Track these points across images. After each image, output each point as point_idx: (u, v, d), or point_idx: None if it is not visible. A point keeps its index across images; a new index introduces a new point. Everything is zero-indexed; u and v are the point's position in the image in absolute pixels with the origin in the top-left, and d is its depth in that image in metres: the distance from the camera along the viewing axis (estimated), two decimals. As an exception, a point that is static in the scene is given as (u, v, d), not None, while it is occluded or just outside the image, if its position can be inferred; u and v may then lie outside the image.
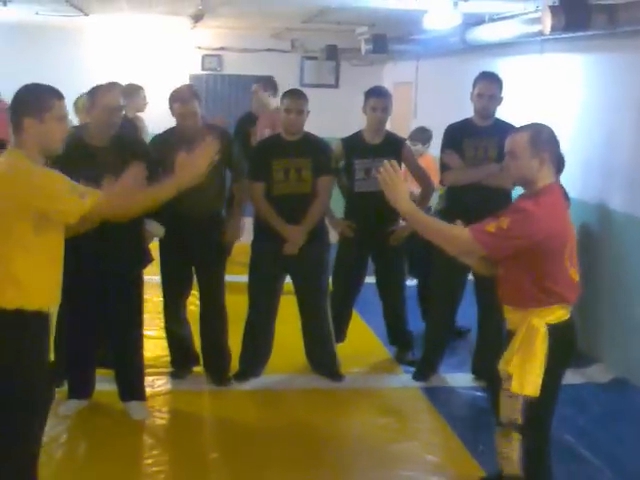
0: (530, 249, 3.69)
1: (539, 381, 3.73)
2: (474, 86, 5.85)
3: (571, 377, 6.24)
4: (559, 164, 3.97)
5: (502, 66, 8.29)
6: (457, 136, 6.01)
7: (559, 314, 3.83)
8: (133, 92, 8.02)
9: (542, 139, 3.81)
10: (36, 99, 3.65)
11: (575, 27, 6.08)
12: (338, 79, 13.21)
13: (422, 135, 8.21)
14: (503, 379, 3.82)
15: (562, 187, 4.13)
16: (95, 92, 5.11)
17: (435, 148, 6.81)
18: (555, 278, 3.80)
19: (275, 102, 8.56)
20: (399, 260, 6.46)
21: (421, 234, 3.89)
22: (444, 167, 6.01)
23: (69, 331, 5.39)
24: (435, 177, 6.55)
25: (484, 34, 8.11)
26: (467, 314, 6.45)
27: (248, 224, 6.56)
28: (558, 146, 3.90)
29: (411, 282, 7.15)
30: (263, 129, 8.29)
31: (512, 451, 3.84)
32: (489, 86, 5.81)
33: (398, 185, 3.75)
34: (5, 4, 8.74)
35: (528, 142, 3.77)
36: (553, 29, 6.11)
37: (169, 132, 5.84)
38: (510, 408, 3.80)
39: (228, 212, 6.03)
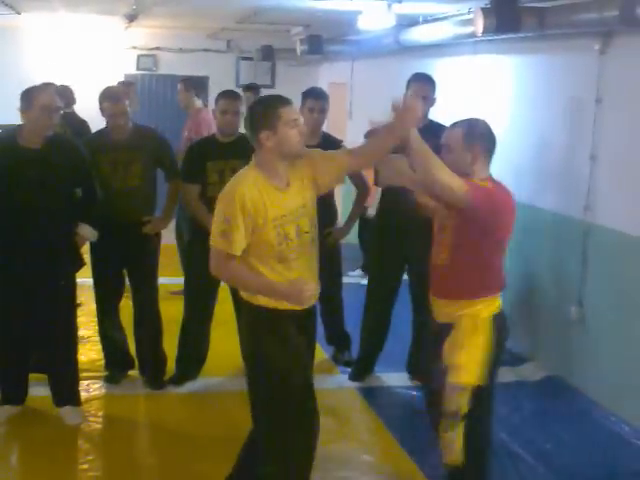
0: (485, 231, 3.83)
1: (484, 370, 3.85)
2: (407, 87, 5.88)
3: (504, 375, 6.33)
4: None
5: (436, 67, 8.37)
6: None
7: (498, 303, 3.98)
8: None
9: (476, 133, 3.93)
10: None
11: (506, 29, 6.16)
12: (274, 79, 13.23)
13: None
14: (447, 372, 3.88)
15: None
16: (31, 92, 5.03)
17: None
18: (497, 269, 3.97)
19: (197, 102, 8.55)
20: (336, 259, 6.47)
21: (417, 163, 3.85)
22: (377, 170, 6.03)
23: (1, 336, 5.33)
24: None
25: (418, 35, 8.17)
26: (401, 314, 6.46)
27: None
28: (493, 140, 3.99)
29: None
30: (184, 130, 8.27)
31: (456, 442, 3.91)
32: (422, 87, 5.84)
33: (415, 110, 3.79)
34: None
35: (462, 136, 3.90)
36: (485, 31, 6.18)
37: (101, 132, 5.80)
38: (455, 399, 3.87)
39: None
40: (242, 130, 5.79)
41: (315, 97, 6.26)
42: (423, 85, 5.86)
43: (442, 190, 3.81)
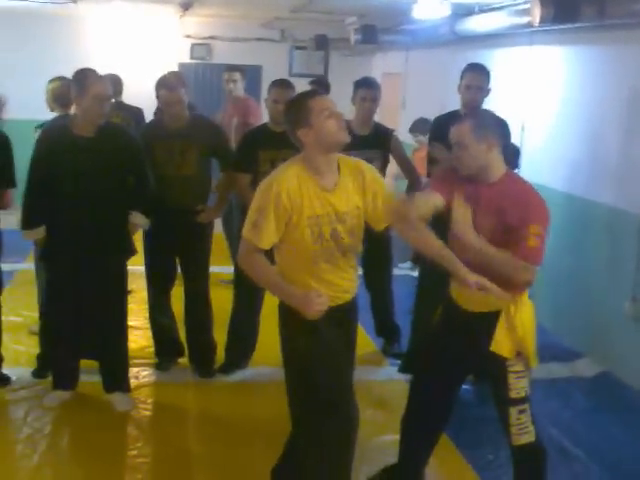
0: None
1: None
2: (462, 77, 5.81)
3: (558, 371, 6.28)
4: (514, 153, 4.00)
5: (491, 57, 8.27)
6: (444, 128, 5.96)
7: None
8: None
9: (485, 124, 3.87)
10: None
11: (564, 19, 6.06)
12: (327, 69, 13.17)
13: (423, 126, 8.18)
14: (508, 360, 3.87)
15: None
16: (84, 81, 5.03)
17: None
18: None
19: (242, 91, 8.54)
20: (387, 251, 6.43)
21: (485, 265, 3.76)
22: (431, 160, 5.98)
23: (53, 322, 5.38)
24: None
25: (473, 25, 8.09)
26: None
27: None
28: (503, 128, 4.02)
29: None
30: (230, 118, 8.25)
31: (530, 422, 3.92)
32: (477, 77, 5.76)
33: (467, 219, 3.78)
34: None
35: (472, 129, 3.81)
36: (542, 20, 6.09)
37: (157, 121, 5.81)
38: (521, 385, 3.89)
39: None
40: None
41: (367, 86, 6.23)
42: (478, 75, 5.79)
43: (520, 276, 3.75)
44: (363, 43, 10.38)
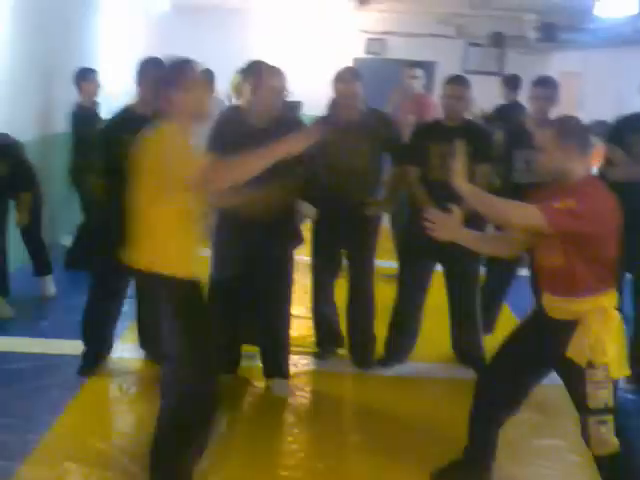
0: (589, 233, 3.73)
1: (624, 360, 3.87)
2: None
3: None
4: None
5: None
6: (624, 130, 5.76)
7: (615, 294, 3.96)
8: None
9: (568, 132, 3.86)
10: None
11: None
12: (503, 67, 12.96)
13: (599, 129, 7.93)
14: (588, 369, 3.81)
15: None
16: (259, 73, 5.11)
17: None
18: (612, 261, 3.90)
19: (420, 87, 8.47)
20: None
21: (482, 212, 4.01)
22: (608, 162, 5.77)
23: (217, 307, 5.47)
24: None
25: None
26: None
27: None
28: (587, 138, 3.95)
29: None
30: (406, 114, 8.21)
31: (610, 433, 3.84)
32: None
33: (457, 166, 3.99)
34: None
35: (554, 136, 3.85)
36: None
37: (330, 116, 5.83)
38: (602, 395, 3.81)
39: None
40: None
41: (540, 85, 6.09)
42: None
43: (521, 226, 3.90)
44: (542, 41, 10.20)
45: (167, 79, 3.83)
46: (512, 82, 9.21)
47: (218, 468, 4.51)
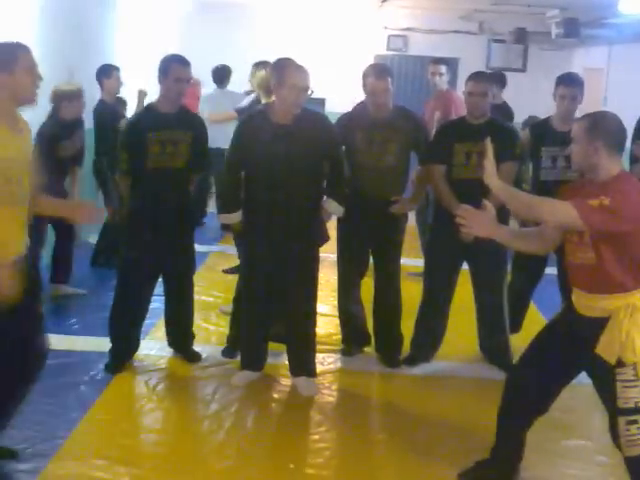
0: (624, 231, 3.70)
1: None
2: None
3: None
4: None
5: None
6: None
7: None
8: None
9: (598, 129, 3.83)
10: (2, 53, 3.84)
11: None
12: (526, 63, 12.91)
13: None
14: (617, 367, 3.78)
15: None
16: (283, 70, 5.10)
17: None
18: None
19: (445, 84, 8.42)
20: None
21: (514, 209, 4.11)
22: (633, 159, 5.73)
23: (244, 304, 5.51)
24: None
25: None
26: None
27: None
28: (618, 136, 3.91)
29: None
30: (433, 111, 8.17)
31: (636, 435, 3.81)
32: None
33: (489, 165, 3.97)
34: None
35: (585, 129, 3.84)
36: None
37: (359, 112, 5.82)
38: (630, 395, 3.79)
39: None
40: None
41: (567, 84, 6.02)
42: None
43: (554, 223, 3.88)
44: (565, 37, 10.15)
45: None
46: (501, 81, 9.04)
47: (245, 465, 4.53)
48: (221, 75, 9.50)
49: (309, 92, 5.21)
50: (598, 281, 3.86)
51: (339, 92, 6.94)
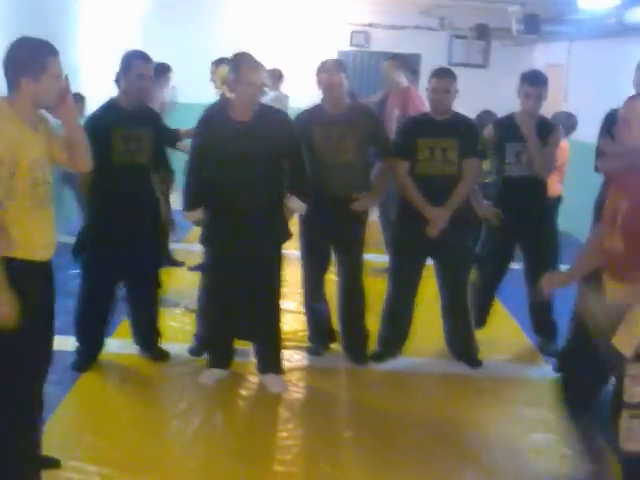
0: None
1: None
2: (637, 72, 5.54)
3: None
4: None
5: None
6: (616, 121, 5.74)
7: None
8: None
9: None
10: (31, 58, 3.70)
11: None
12: (488, 59, 12.98)
13: (567, 121, 7.95)
14: (627, 359, 3.66)
15: None
16: (239, 67, 5.11)
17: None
18: None
19: (404, 81, 8.44)
20: (551, 246, 6.27)
21: None
22: (599, 153, 5.76)
23: (210, 303, 5.50)
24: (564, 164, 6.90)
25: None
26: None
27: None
28: None
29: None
30: (392, 108, 8.20)
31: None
32: None
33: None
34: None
35: None
36: None
37: (317, 106, 5.83)
38: (636, 391, 3.65)
39: None
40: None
41: (531, 83, 6.03)
42: None
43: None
44: (525, 33, 10.19)
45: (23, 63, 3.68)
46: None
47: (214, 463, 4.53)
48: (158, 72, 9.43)
49: (264, 89, 5.22)
50: (623, 269, 3.73)
51: (303, 88, 6.91)
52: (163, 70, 7.22)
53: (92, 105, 7.48)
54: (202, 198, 5.36)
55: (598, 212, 5.05)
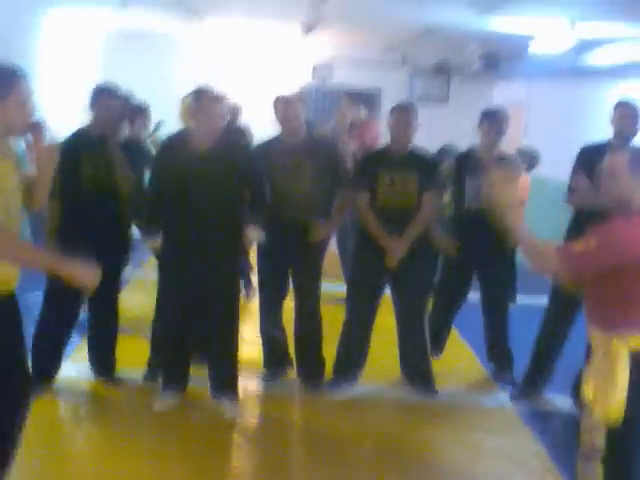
0: (617, 268, 3.53)
1: (621, 409, 3.54)
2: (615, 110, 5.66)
3: None
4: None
5: (618, 91, 8.08)
6: (591, 158, 5.81)
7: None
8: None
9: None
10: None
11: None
12: (448, 95, 13.14)
13: (530, 157, 8.07)
14: (584, 403, 3.69)
15: None
16: (201, 99, 5.17)
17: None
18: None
19: (362, 115, 8.56)
20: (508, 278, 6.33)
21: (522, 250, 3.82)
22: (570, 188, 5.83)
23: (165, 327, 5.49)
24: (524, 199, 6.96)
25: (599, 57, 7.90)
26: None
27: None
28: None
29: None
30: (350, 141, 8.29)
31: (592, 478, 3.70)
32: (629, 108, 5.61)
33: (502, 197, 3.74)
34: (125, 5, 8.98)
35: (626, 162, 3.65)
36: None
37: (275, 138, 5.90)
38: (590, 434, 3.66)
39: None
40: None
41: (490, 120, 6.15)
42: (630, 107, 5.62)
43: (545, 265, 3.72)
44: (485, 70, 10.32)
45: None
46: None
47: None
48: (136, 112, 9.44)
49: (225, 120, 5.29)
50: (593, 312, 3.73)
51: (266, 122, 6.96)
52: (140, 110, 7.27)
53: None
54: (159, 225, 5.39)
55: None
